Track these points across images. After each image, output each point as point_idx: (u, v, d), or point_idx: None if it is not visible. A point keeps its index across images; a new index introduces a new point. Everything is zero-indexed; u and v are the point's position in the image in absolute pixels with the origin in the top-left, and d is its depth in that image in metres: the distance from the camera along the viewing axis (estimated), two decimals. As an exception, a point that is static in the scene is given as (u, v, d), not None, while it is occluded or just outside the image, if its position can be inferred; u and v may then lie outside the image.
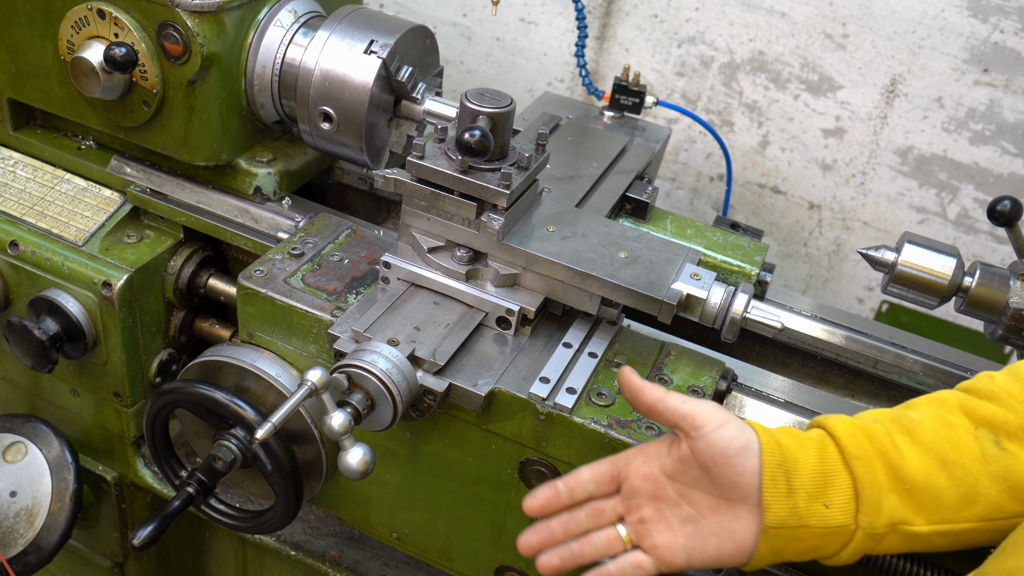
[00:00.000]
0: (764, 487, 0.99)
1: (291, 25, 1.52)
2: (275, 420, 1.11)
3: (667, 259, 1.35)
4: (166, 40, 1.41)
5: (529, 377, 1.28)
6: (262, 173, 1.58)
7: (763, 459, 1.00)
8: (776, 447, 1.01)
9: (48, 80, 1.58)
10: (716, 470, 1.02)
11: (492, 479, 1.35)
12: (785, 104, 2.33)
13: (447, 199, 1.30)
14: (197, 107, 1.47)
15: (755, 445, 1.02)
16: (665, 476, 1.07)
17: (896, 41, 2.16)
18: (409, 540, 1.50)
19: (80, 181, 1.68)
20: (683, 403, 1.05)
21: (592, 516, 1.10)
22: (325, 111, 1.48)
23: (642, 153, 1.84)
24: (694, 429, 1.03)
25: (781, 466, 1.00)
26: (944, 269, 1.35)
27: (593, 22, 2.41)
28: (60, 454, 1.65)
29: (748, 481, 1.01)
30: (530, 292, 1.35)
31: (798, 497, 0.99)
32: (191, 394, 1.39)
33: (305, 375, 1.12)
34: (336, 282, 1.41)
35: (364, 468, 1.15)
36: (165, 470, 1.50)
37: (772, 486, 0.99)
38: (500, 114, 1.26)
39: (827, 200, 2.41)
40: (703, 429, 1.03)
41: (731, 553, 1.03)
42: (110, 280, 1.53)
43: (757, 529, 1.01)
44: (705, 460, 1.03)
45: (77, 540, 1.97)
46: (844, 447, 1.01)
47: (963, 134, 2.20)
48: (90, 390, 1.68)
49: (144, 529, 1.36)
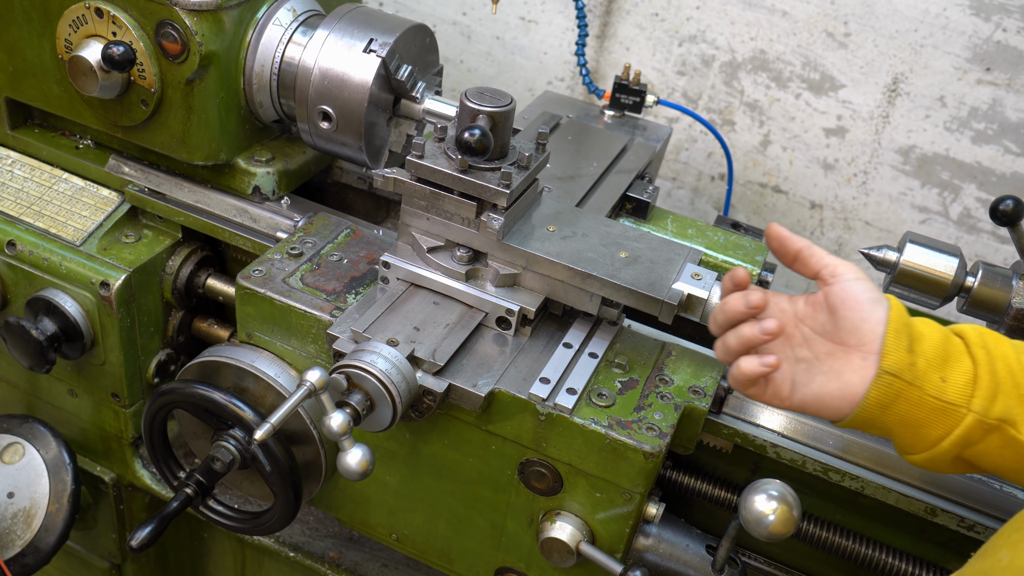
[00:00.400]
0: (887, 335, 1.04)
1: (290, 24, 1.52)
2: (274, 420, 1.11)
3: (668, 259, 1.35)
4: (164, 39, 1.41)
5: (529, 377, 1.28)
6: (261, 172, 1.58)
7: (891, 314, 1.06)
8: (904, 313, 1.07)
9: (46, 79, 1.58)
10: (843, 312, 1.08)
11: (492, 480, 1.34)
12: (786, 103, 2.33)
13: (447, 199, 1.30)
14: (195, 106, 1.47)
15: (886, 302, 1.08)
16: (796, 318, 1.14)
17: (898, 40, 2.16)
18: (408, 541, 1.50)
19: (78, 180, 1.68)
20: (828, 255, 1.13)
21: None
22: (324, 110, 1.48)
23: (643, 152, 1.84)
24: (833, 276, 1.10)
25: (907, 327, 1.05)
26: (946, 269, 1.35)
27: (593, 21, 2.41)
28: (58, 455, 1.65)
29: (871, 329, 1.06)
30: (530, 292, 1.35)
31: (918, 358, 1.03)
32: (189, 395, 1.39)
33: (304, 375, 1.12)
34: (335, 282, 1.41)
35: (363, 469, 1.15)
36: (163, 471, 1.50)
37: (895, 338, 1.04)
38: (500, 113, 1.26)
39: (829, 200, 2.41)
40: (842, 276, 1.10)
41: (834, 393, 1.07)
42: (108, 280, 1.53)
43: (869, 376, 1.05)
44: (835, 302, 1.09)
45: (75, 541, 1.97)
46: (969, 341, 1.06)
47: (965, 133, 2.20)
48: (88, 391, 1.68)
49: (142, 530, 1.36)
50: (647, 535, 1.35)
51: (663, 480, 1.44)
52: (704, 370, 1.36)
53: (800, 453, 1.35)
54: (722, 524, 1.52)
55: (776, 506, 1.12)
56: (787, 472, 1.39)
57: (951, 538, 1.37)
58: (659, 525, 1.35)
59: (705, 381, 1.34)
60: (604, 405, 1.26)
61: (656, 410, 1.27)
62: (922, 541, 1.42)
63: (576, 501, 1.30)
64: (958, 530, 1.31)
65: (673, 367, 1.36)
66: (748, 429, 1.37)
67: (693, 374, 1.35)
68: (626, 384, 1.31)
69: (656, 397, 1.29)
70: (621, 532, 1.30)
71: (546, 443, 1.26)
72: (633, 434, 1.22)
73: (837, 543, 1.39)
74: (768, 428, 1.37)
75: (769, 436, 1.36)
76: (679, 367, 1.36)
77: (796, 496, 1.14)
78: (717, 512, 1.51)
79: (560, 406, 1.24)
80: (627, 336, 1.41)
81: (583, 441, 1.24)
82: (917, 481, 1.33)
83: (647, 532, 1.35)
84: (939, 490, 1.32)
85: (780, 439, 1.36)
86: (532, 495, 1.33)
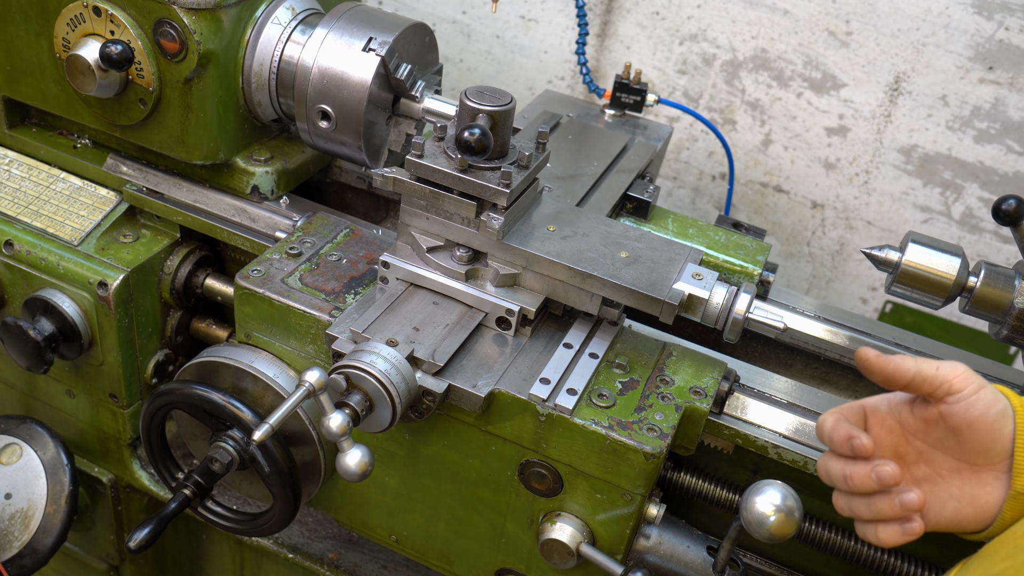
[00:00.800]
0: (1018, 451, 1.00)
1: (289, 22, 1.52)
2: (273, 421, 1.11)
3: (669, 259, 1.34)
4: (162, 37, 1.41)
5: (529, 378, 1.28)
6: (259, 172, 1.58)
7: (1018, 424, 1.01)
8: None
9: (43, 78, 1.58)
10: (971, 435, 1.03)
11: (492, 481, 1.34)
12: (788, 102, 2.33)
13: (446, 198, 1.30)
14: (194, 105, 1.47)
15: (1010, 411, 1.02)
16: (907, 432, 1.08)
17: (900, 38, 2.16)
18: (408, 543, 1.50)
19: (76, 180, 1.68)
20: (937, 369, 1.04)
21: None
22: (323, 109, 1.48)
23: (643, 152, 1.84)
24: (950, 395, 1.03)
25: None
26: (948, 269, 1.35)
27: (594, 19, 2.41)
28: (55, 456, 1.65)
29: (1002, 447, 1.02)
30: (530, 292, 1.35)
31: None
32: (188, 395, 1.39)
33: (303, 376, 1.12)
34: (334, 282, 1.41)
35: (362, 470, 1.15)
36: (161, 472, 1.50)
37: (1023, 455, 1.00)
38: (500, 112, 1.26)
39: (830, 199, 2.41)
40: (961, 394, 1.03)
41: (970, 517, 1.04)
42: (106, 280, 1.53)
43: (1003, 495, 1.02)
44: (960, 425, 1.03)
45: (72, 543, 1.97)
46: None
47: (968, 132, 2.20)
48: (86, 391, 1.68)
49: (140, 531, 1.36)
50: (648, 536, 1.35)
51: (664, 481, 1.44)
52: (705, 370, 1.36)
53: (802, 454, 1.35)
54: (723, 525, 1.52)
55: (778, 507, 1.12)
56: (789, 473, 1.39)
57: (952, 539, 1.36)
58: (660, 526, 1.35)
59: (706, 381, 1.34)
60: (604, 406, 1.26)
61: (657, 411, 1.27)
62: (923, 541, 1.41)
63: (576, 502, 1.30)
64: (960, 531, 1.31)
65: (674, 367, 1.36)
66: (749, 430, 1.37)
67: (694, 374, 1.35)
68: (627, 384, 1.31)
69: (657, 398, 1.29)
70: (622, 533, 1.30)
71: (546, 444, 1.26)
72: (634, 435, 1.22)
73: (839, 544, 1.39)
74: (769, 429, 1.37)
75: (770, 437, 1.36)
76: (680, 367, 1.36)
77: (798, 497, 1.14)
78: (718, 513, 1.51)
79: (560, 407, 1.24)
80: (628, 336, 1.41)
81: (583, 442, 1.24)
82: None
83: (648, 533, 1.35)
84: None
85: (781, 440, 1.36)
86: (532, 496, 1.33)
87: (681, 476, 1.44)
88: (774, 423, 1.38)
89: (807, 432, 1.37)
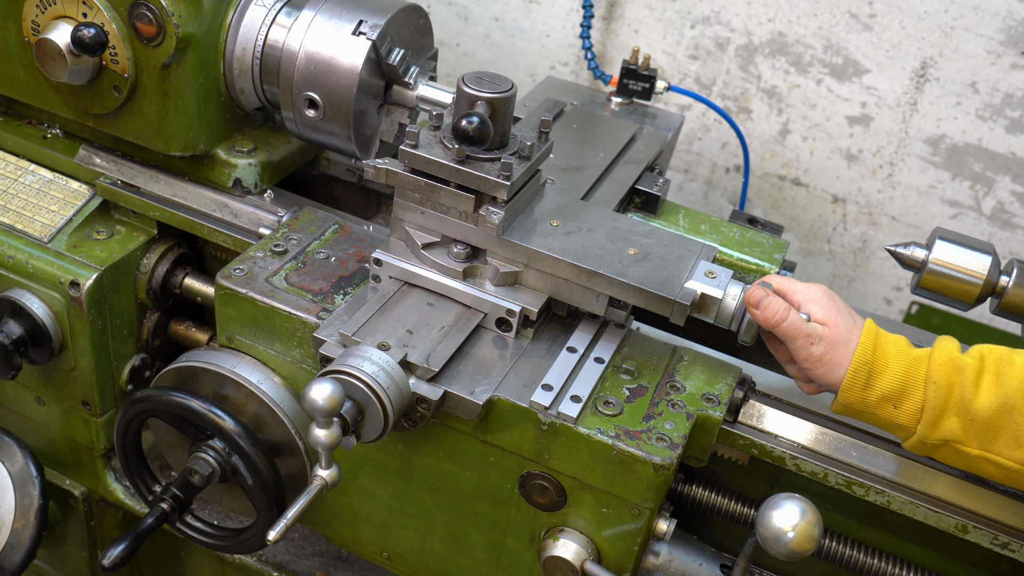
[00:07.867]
0: (846, 376, 1.23)
1: (273, 4, 1.52)
2: (288, 518, 1.16)
3: (680, 256, 1.35)
4: (139, 20, 1.41)
5: (531, 384, 1.28)
6: (242, 164, 1.58)
7: (855, 356, 1.24)
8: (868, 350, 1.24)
9: (11, 63, 1.58)
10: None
11: (490, 494, 1.35)
12: (807, 89, 2.34)
13: (443, 191, 1.30)
14: (172, 92, 1.47)
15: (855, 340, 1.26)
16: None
17: (927, 21, 2.17)
18: (401, 560, 1.50)
19: (46, 172, 1.68)
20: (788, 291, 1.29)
21: None
22: (310, 97, 1.48)
23: (653, 142, 1.84)
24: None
25: (866, 365, 1.24)
26: (978, 268, 1.35)
27: (600, 1, 2.42)
28: (24, 467, 1.65)
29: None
30: (532, 291, 1.35)
31: (872, 392, 1.23)
32: (166, 402, 1.39)
33: (315, 472, 1.13)
34: (322, 281, 1.41)
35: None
36: (137, 484, 1.50)
37: (851, 378, 1.23)
38: (500, 99, 1.26)
39: (852, 193, 2.41)
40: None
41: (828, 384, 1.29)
42: (78, 279, 1.53)
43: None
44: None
45: (42, 560, 1.97)
46: (931, 371, 1.22)
47: (999, 122, 2.20)
48: (57, 398, 1.68)
49: (115, 548, 1.36)
50: (657, 553, 1.35)
51: (674, 494, 1.44)
52: (718, 376, 1.36)
53: (821, 465, 1.35)
54: (737, 542, 1.52)
55: (796, 522, 1.12)
56: (808, 486, 1.39)
57: (984, 556, 1.37)
58: (670, 543, 1.36)
59: (719, 388, 1.34)
60: (611, 414, 1.26)
61: (667, 419, 1.27)
62: (953, 560, 1.42)
63: (581, 517, 1.30)
64: (991, 548, 1.31)
65: (685, 373, 1.36)
66: (765, 440, 1.37)
67: (706, 380, 1.35)
68: (634, 391, 1.31)
69: (667, 405, 1.29)
70: (629, 550, 1.30)
71: (549, 455, 1.26)
72: (642, 445, 1.22)
73: (861, 562, 1.39)
74: (787, 439, 1.38)
75: (788, 447, 1.36)
76: (691, 373, 1.36)
77: (817, 512, 1.14)
78: (732, 529, 1.51)
79: (564, 415, 1.24)
80: (635, 339, 1.41)
81: (588, 452, 1.24)
82: (947, 496, 1.33)
83: (657, 550, 1.36)
84: (971, 505, 1.32)
85: (800, 451, 1.36)
86: (534, 510, 1.33)
87: (693, 489, 1.44)
88: (792, 432, 1.38)
89: (827, 442, 1.37)
